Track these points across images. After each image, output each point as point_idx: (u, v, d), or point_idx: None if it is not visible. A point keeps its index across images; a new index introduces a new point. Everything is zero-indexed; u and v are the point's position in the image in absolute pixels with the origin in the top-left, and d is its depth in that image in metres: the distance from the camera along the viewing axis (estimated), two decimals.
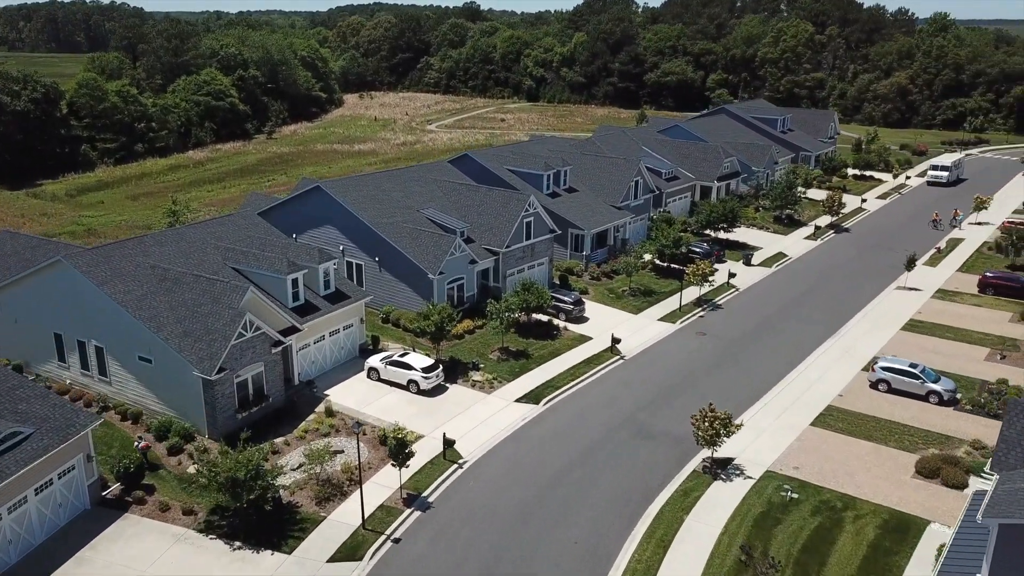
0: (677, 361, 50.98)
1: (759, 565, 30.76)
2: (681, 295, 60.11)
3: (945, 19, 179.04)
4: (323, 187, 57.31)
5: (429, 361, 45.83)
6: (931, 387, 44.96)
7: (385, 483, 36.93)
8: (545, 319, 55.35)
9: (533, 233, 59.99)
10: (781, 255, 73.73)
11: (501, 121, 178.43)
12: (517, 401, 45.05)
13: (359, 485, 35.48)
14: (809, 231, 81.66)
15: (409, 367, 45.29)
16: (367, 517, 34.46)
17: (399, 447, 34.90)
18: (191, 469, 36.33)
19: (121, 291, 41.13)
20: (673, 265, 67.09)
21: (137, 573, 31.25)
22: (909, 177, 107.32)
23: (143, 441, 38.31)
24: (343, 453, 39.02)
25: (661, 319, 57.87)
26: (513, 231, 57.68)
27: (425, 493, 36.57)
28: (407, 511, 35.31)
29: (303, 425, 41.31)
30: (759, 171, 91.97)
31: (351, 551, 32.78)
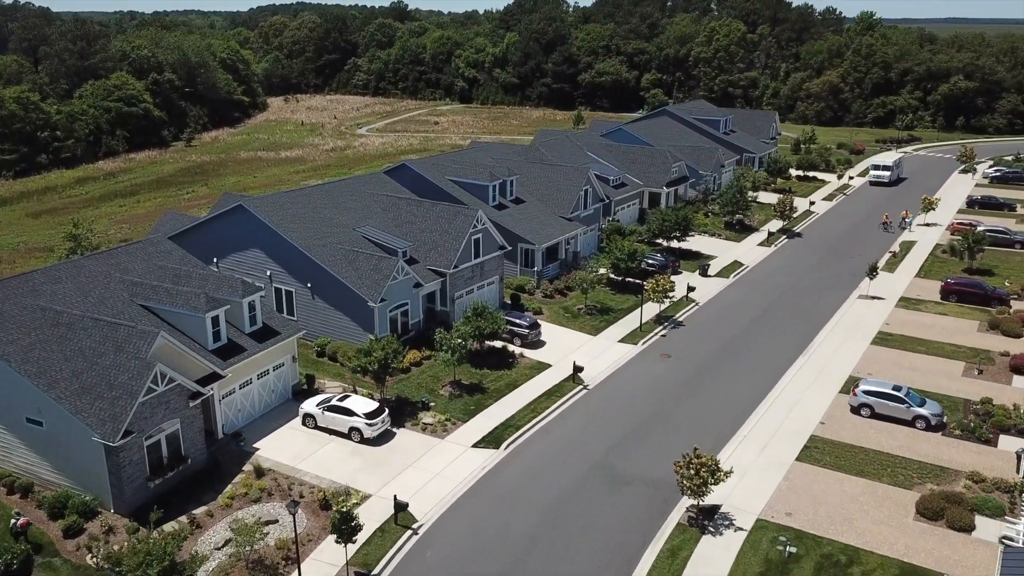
0: (644, 389, 46.93)
1: None
2: (641, 312, 56.21)
3: (871, 18, 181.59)
4: (247, 206, 51.28)
5: (373, 405, 40.56)
6: (917, 412, 42.02)
7: (328, 559, 31.61)
8: (499, 345, 50.64)
9: (482, 250, 55.20)
10: (737, 264, 70.76)
11: (435, 124, 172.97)
12: (475, 446, 40.19)
13: (297, 565, 30.14)
14: (762, 237, 79.11)
15: (350, 412, 39.94)
16: None
17: (343, 521, 29.67)
18: (89, 560, 30.26)
19: (3, 340, 34.64)
20: (629, 279, 63.23)
21: None
22: (852, 177, 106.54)
23: (22, 517, 32.01)
24: (277, 523, 33.51)
25: (622, 340, 53.83)
26: (461, 249, 52.78)
27: (376, 571, 31.39)
28: None
29: (229, 490, 35.57)
30: (707, 175, 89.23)
31: None
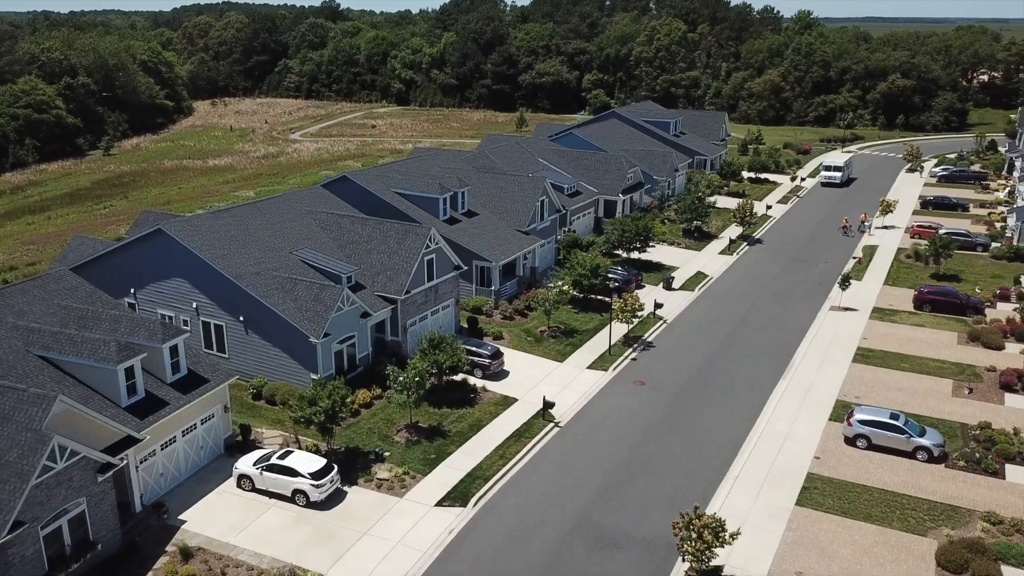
0: (621, 425, 42.66)
1: None
2: (610, 334, 52.01)
3: (808, 17, 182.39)
4: (167, 231, 45.13)
5: (319, 462, 35.21)
6: (918, 442, 38.78)
7: None
8: (459, 378, 45.70)
9: (436, 272, 50.20)
10: (701, 275, 67.34)
11: (372, 128, 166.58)
12: (439, 504, 35.23)
13: None
14: (722, 244, 76.03)
15: (293, 472, 34.53)
16: None
17: None
18: None
19: None
20: (592, 296, 59.03)
21: None
22: (803, 179, 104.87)
23: None
24: None
25: (591, 366, 49.52)
26: (413, 273, 47.66)
27: None
28: None
29: None
30: (662, 180, 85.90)
31: None
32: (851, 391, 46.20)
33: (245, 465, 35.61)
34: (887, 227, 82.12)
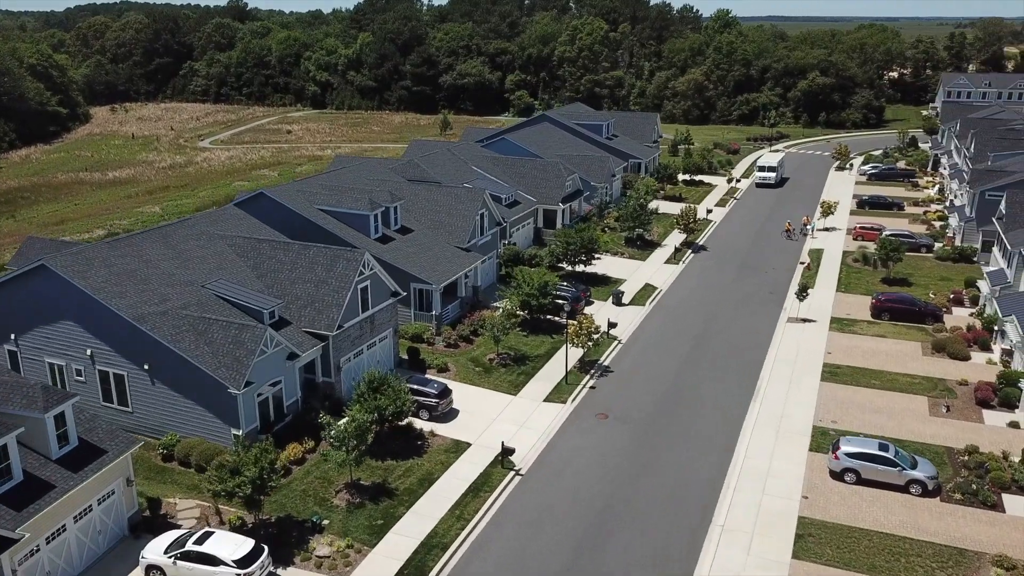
0: (588, 468, 38.34)
1: None
2: (567, 361, 47.66)
3: (727, 16, 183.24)
4: (52, 266, 38.35)
5: (246, 544, 29.57)
6: (911, 475, 35.81)
7: None
8: (404, 422, 40.49)
9: (371, 301, 44.80)
10: (650, 288, 63.86)
11: (288, 133, 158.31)
12: None
13: None
14: (666, 253, 72.91)
15: (214, 560, 28.82)
16: None
17: None
18: None
19: None
20: (541, 316, 54.62)
21: None
22: (738, 180, 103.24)
23: None
24: None
25: (548, 398, 45.06)
26: (346, 304, 42.18)
27: None
28: None
29: None
30: (600, 186, 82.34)
31: None
32: (826, 415, 43.20)
33: (154, 553, 29.64)
34: (828, 229, 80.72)
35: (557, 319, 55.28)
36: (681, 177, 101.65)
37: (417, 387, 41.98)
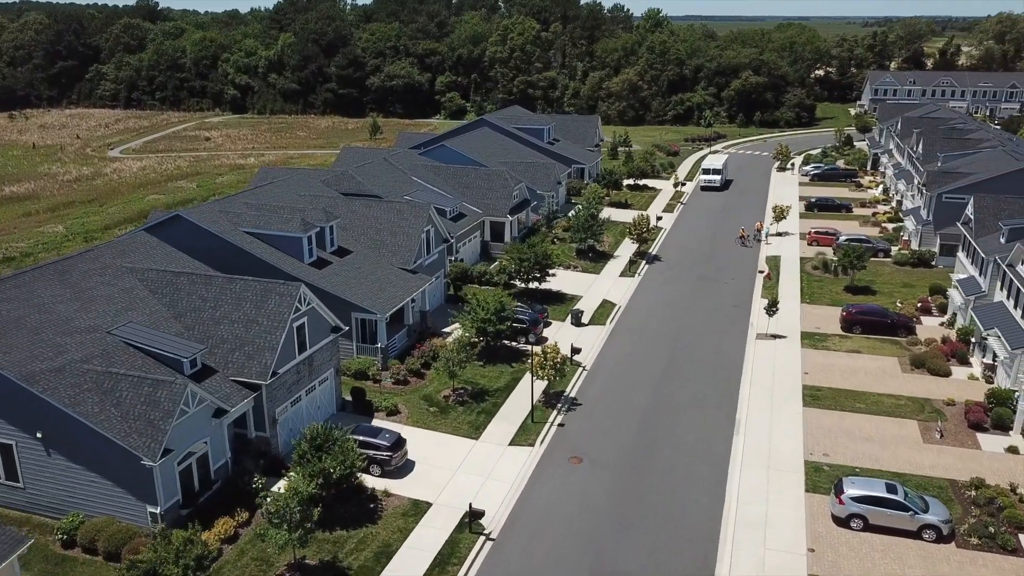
0: (566, 526, 33.81)
1: None
2: (532, 397, 43.04)
3: (658, 15, 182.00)
4: None
5: None
6: (924, 519, 32.52)
7: None
8: (355, 481, 35.16)
9: (309, 339, 39.25)
10: (608, 305, 59.88)
11: (206, 140, 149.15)
12: None
13: None
14: (620, 264, 69.17)
15: None
16: None
17: None
18: None
19: None
20: (498, 343, 49.87)
21: None
22: (683, 183, 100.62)
23: None
24: None
25: (514, 441, 40.38)
26: (281, 345, 36.57)
27: None
28: None
29: None
30: (547, 195, 78.10)
31: None
32: (816, 447, 39.81)
33: None
34: (781, 234, 78.39)
35: (516, 345, 50.70)
36: (625, 182, 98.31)
37: (366, 439, 36.69)
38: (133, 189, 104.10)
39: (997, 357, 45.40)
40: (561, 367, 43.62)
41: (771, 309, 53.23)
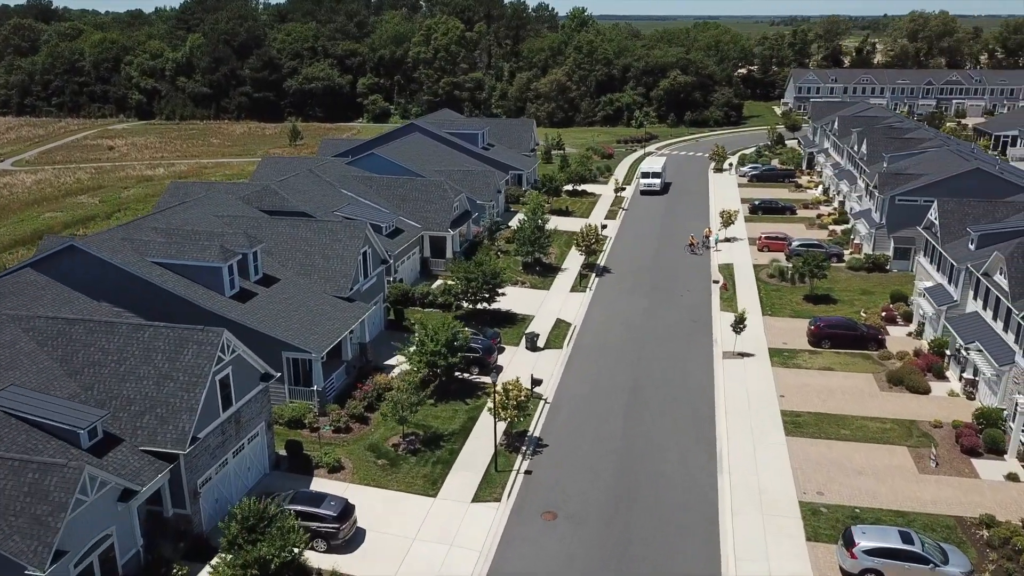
0: None
1: None
2: (496, 440, 38.31)
3: (583, 14, 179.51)
4: None
5: None
6: (946, 572, 29.29)
7: None
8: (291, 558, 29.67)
9: (235, 393, 33.51)
10: (563, 325, 55.65)
11: (109, 149, 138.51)
12: None
13: None
14: (569, 278, 65.09)
15: None
16: None
17: None
18: None
19: None
20: (450, 377, 44.91)
21: None
22: (623, 188, 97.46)
23: None
24: None
25: (477, 497, 35.59)
26: (201, 405, 30.76)
27: None
28: None
29: None
30: (488, 205, 73.45)
31: None
32: (808, 484, 36.42)
33: None
34: (730, 239, 75.79)
35: (469, 377, 45.89)
36: (564, 188, 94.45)
37: (308, 509, 31.28)
38: (26, 206, 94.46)
39: (979, 372, 43.15)
40: (524, 404, 39.08)
41: (738, 326, 49.91)
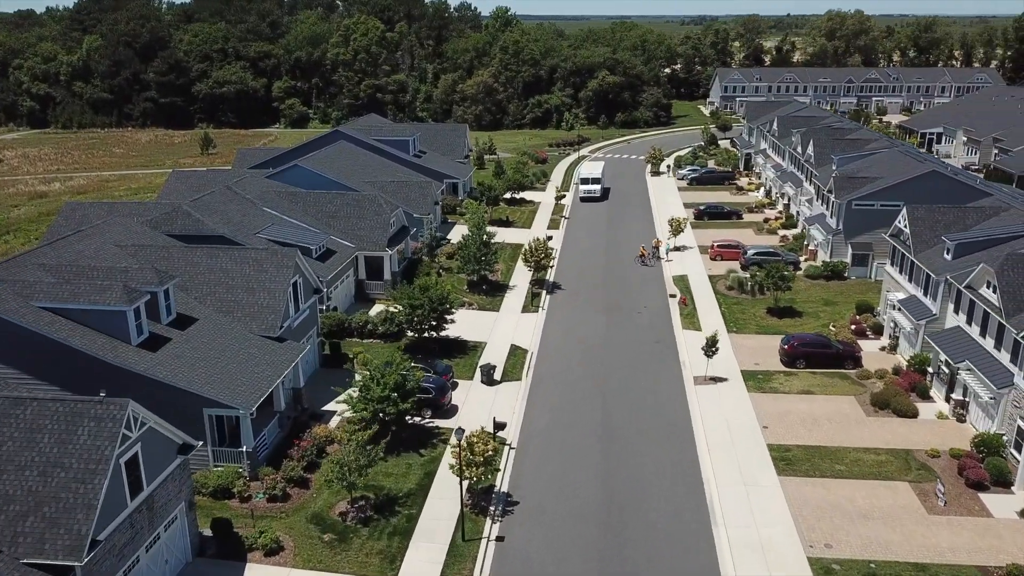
0: None
1: None
2: (462, 502, 33.15)
3: (507, 14, 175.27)
4: None
5: None
6: None
7: None
8: None
9: (146, 474, 27.36)
10: (518, 351, 50.91)
11: None
12: None
13: None
14: (519, 297, 60.44)
15: None
16: None
17: None
18: None
19: None
20: (402, 427, 39.47)
21: None
22: (564, 195, 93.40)
23: None
24: None
25: (445, 574, 30.41)
26: (102, 499, 24.59)
27: None
28: None
29: None
30: (426, 218, 68.03)
31: None
32: (813, 534, 32.66)
33: None
34: (679, 248, 72.50)
35: (422, 422, 40.65)
36: (503, 196, 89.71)
37: None
38: None
39: (971, 394, 40.46)
40: (492, 458, 34.11)
41: (710, 350, 46.11)
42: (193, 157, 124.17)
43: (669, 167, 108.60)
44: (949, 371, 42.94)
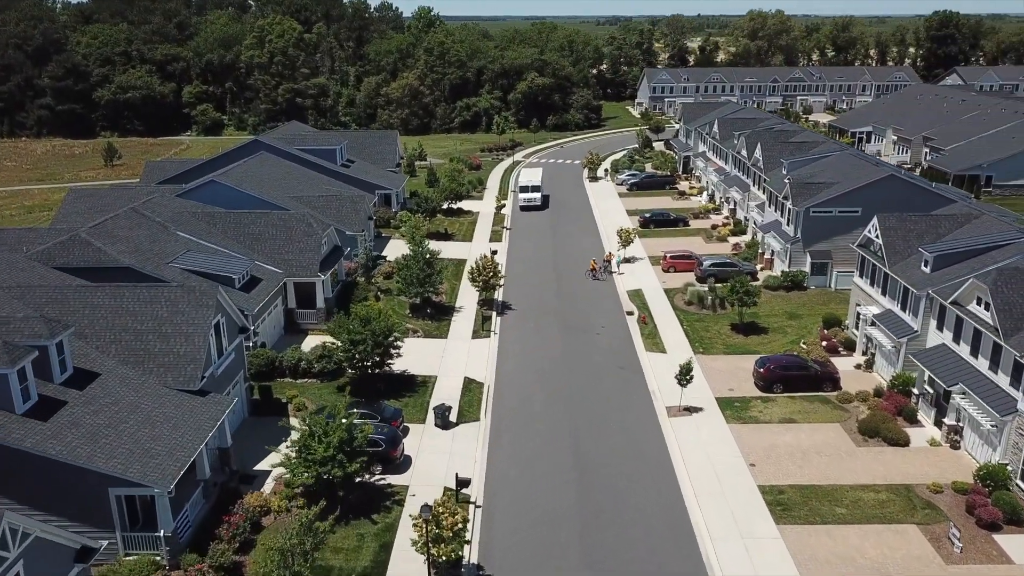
0: None
1: None
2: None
3: (430, 14, 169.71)
4: None
5: None
6: None
7: None
8: None
9: None
10: (472, 385, 46.15)
11: None
12: None
13: None
14: (467, 320, 55.66)
15: None
16: None
17: None
18: None
19: None
20: (351, 490, 34.15)
21: None
22: (504, 205, 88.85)
23: None
24: None
25: None
26: None
27: None
28: None
29: None
30: (360, 235, 62.41)
31: None
32: None
33: None
34: (630, 260, 68.94)
35: (371, 480, 35.38)
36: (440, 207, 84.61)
37: None
38: None
39: (964, 418, 37.80)
40: (461, 531, 29.26)
41: (684, 379, 42.33)
42: (96, 169, 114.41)
43: (607, 171, 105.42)
44: (934, 392, 40.42)
